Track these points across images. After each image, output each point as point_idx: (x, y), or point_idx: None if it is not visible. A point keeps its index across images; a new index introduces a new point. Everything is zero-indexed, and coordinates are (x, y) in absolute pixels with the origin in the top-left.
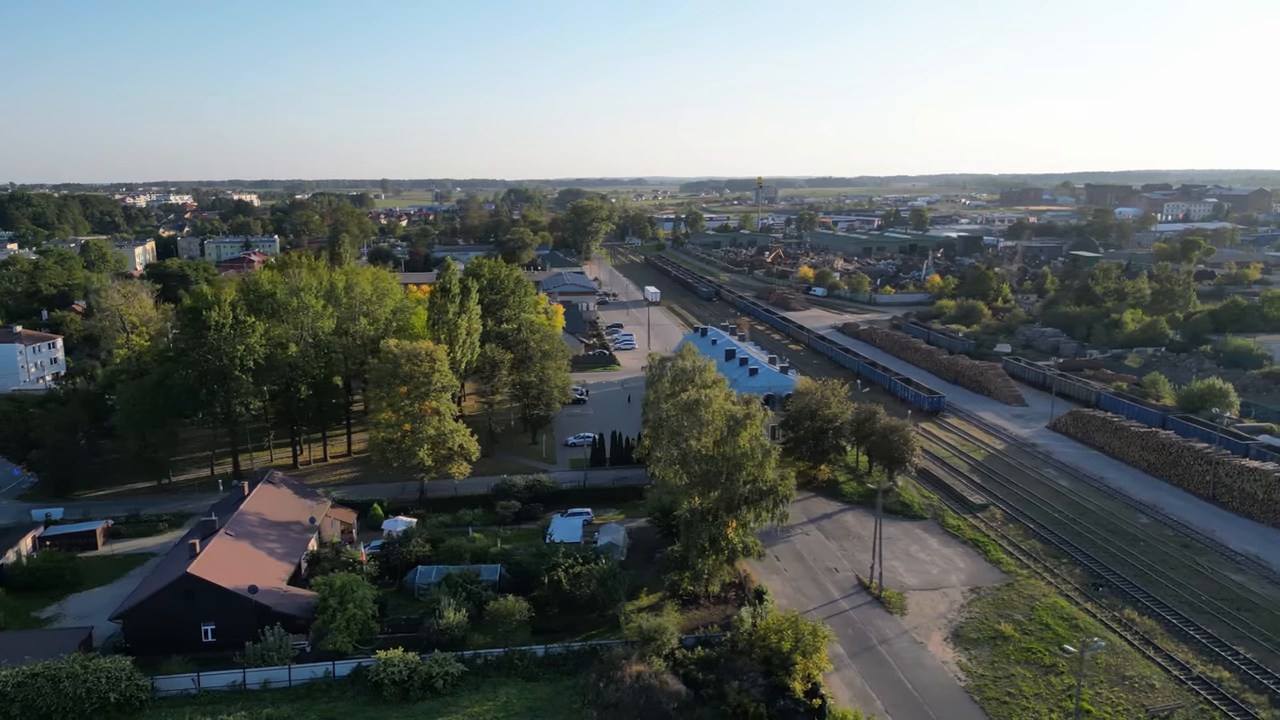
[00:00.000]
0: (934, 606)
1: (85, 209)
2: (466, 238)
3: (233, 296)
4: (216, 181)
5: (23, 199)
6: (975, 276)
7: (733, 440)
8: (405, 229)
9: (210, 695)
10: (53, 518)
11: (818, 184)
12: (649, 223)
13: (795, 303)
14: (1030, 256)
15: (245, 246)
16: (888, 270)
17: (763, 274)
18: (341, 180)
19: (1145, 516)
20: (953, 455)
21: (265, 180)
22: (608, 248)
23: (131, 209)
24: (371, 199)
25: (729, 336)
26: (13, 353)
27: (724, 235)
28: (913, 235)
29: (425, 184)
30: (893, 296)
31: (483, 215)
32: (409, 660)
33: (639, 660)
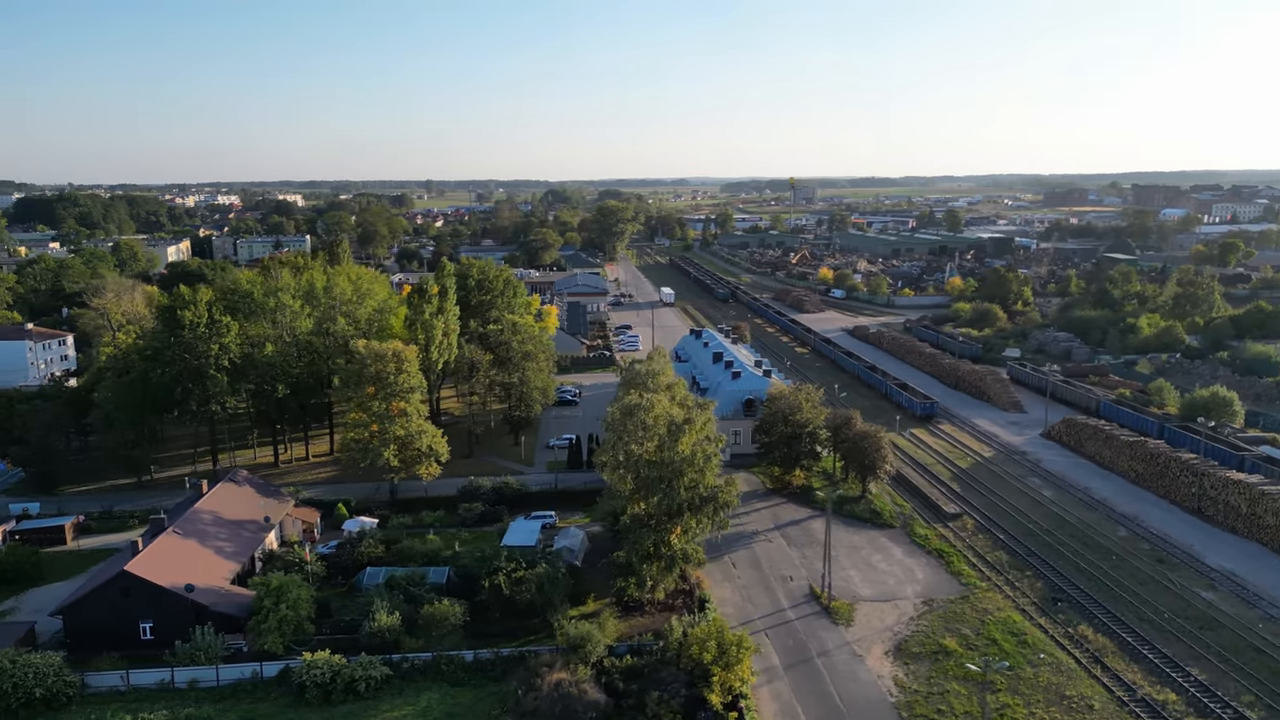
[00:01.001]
0: (882, 618)
1: (132, 209)
2: (496, 238)
3: (209, 296)
4: (267, 182)
5: (71, 199)
6: (994, 279)
7: (672, 445)
8: (438, 229)
9: (138, 693)
10: (29, 512)
11: (861, 184)
12: (678, 223)
13: (810, 305)
14: (1063, 259)
15: (276, 246)
16: (911, 272)
17: (784, 275)
18: (388, 181)
19: (1124, 529)
20: (936, 462)
21: (313, 181)
22: (635, 248)
23: (176, 209)
24: (412, 199)
25: (720, 339)
26: (22, 349)
27: (752, 236)
28: (943, 237)
29: (469, 185)
30: (911, 299)
31: (513, 216)
32: (333, 662)
33: (563, 668)
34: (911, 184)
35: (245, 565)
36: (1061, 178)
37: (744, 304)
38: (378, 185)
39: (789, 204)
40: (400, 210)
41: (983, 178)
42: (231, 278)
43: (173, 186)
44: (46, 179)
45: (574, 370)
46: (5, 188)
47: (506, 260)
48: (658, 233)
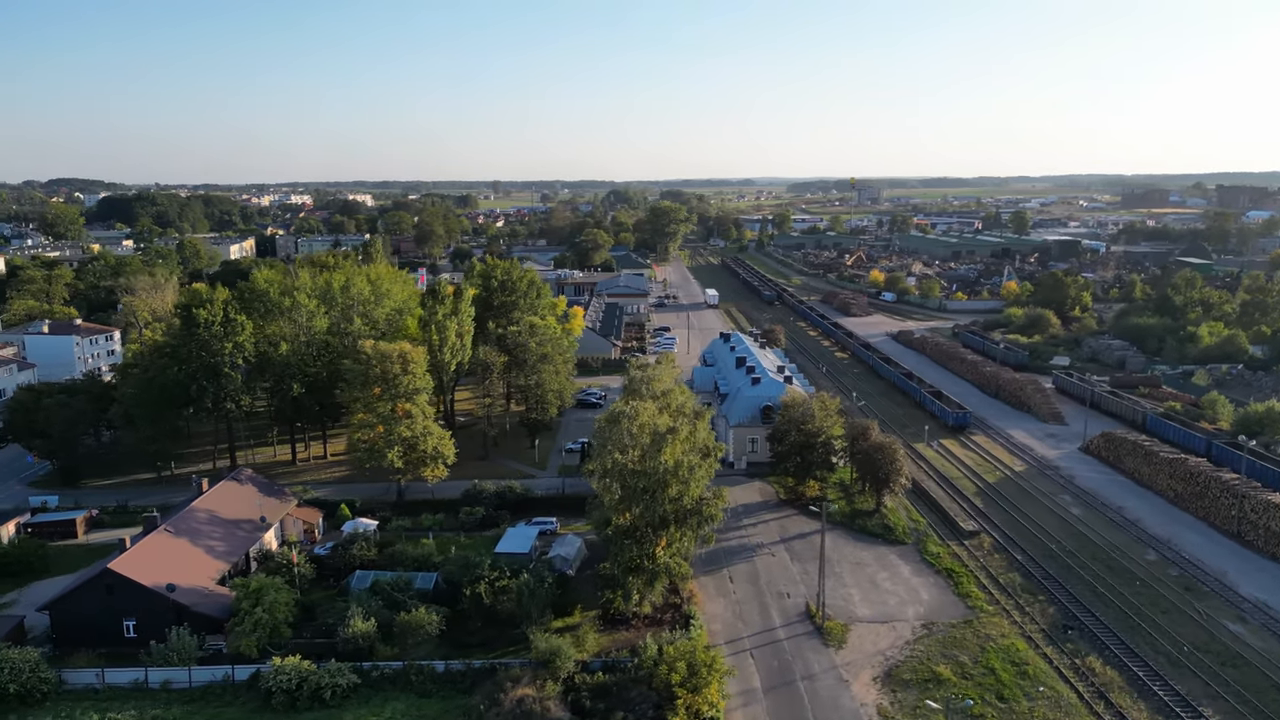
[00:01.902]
0: (876, 641)
1: (207, 208)
2: (551, 238)
3: (226, 295)
4: (342, 182)
5: (149, 199)
6: (1051, 283)
7: (655, 456)
8: (497, 229)
9: (112, 692)
10: (48, 505)
11: (931, 184)
12: (733, 224)
13: (856, 308)
14: (1132, 263)
15: (335, 245)
16: (968, 275)
17: (835, 278)
18: (457, 182)
19: (1153, 552)
20: (962, 476)
21: (386, 181)
22: (690, 248)
23: (249, 208)
24: (476, 200)
25: (748, 343)
26: (69, 344)
27: (808, 237)
28: (1006, 239)
29: (534, 185)
30: (964, 303)
31: (568, 217)
32: (301, 668)
33: (530, 683)
34: (984, 184)
35: (239, 565)
36: (1143, 178)
37: (789, 307)
38: (447, 185)
39: (853, 204)
40: (464, 210)
41: (1059, 178)
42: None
43: (252, 186)
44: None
45: (604, 372)
46: (94, 187)
47: (556, 260)
48: (713, 233)
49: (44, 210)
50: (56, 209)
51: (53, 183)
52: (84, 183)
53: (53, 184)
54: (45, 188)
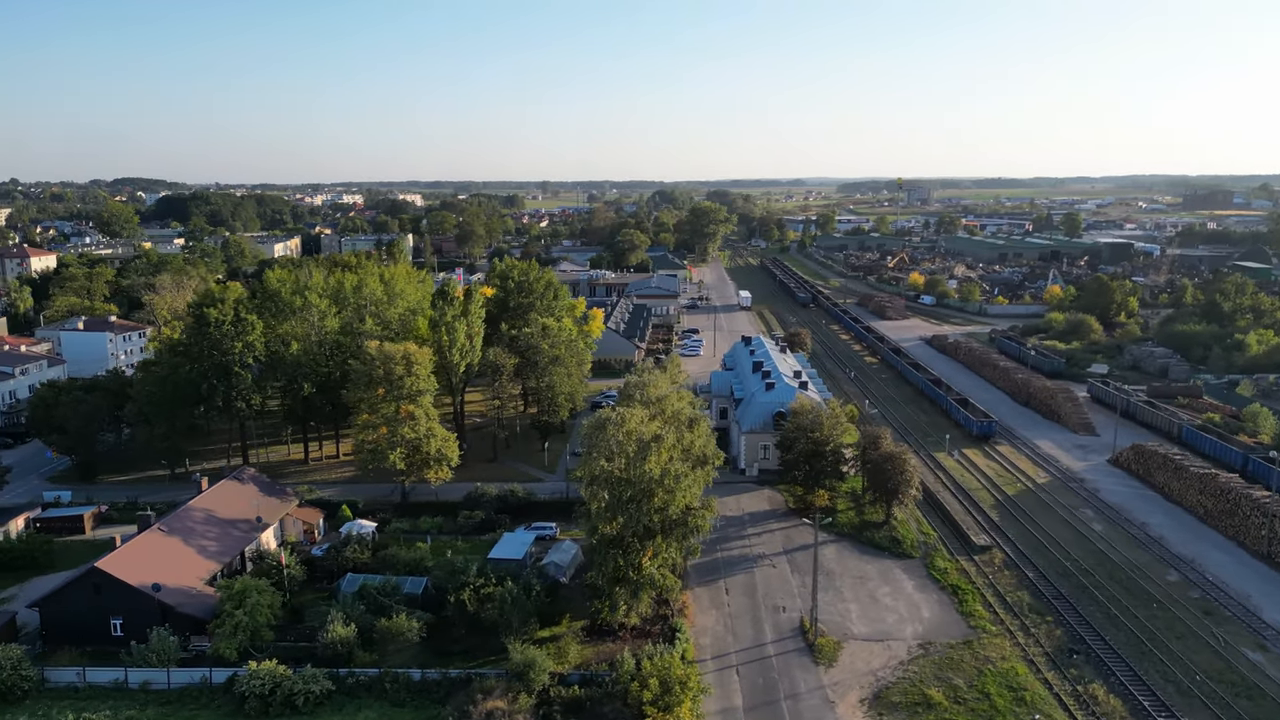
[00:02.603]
0: (869, 660)
1: (260, 208)
2: (592, 238)
3: (238, 294)
4: (396, 182)
5: (204, 198)
6: (1095, 288)
7: (639, 464)
8: (540, 230)
9: (92, 691)
10: (60, 500)
11: (985, 185)
12: (776, 225)
13: (892, 312)
14: (1186, 267)
15: (378, 245)
16: (1013, 279)
17: (874, 280)
18: (507, 182)
19: (1175, 573)
20: (981, 488)
21: (437, 182)
22: (731, 249)
23: (300, 208)
24: (523, 200)
25: (769, 347)
26: (103, 340)
27: (851, 238)
28: (1056, 241)
29: (583, 186)
30: (1004, 307)
31: (609, 217)
32: (276, 673)
33: (503, 695)
34: (1040, 185)
35: (235, 565)
36: (1208, 179)
37: (824, 309)
38: (497, 186)
39: (901, 205)
40: (510, 210)
41: (1120, 179)
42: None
43: (307, 186)
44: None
45: (626, 374)
46: (157, 186)
47: (592, 261)
48: (755, 234)
49: (100, 209)
50: (112, 208)
51: (118, 182)
52: (147, 182)
53: (118, 183)
54: (110, 187)
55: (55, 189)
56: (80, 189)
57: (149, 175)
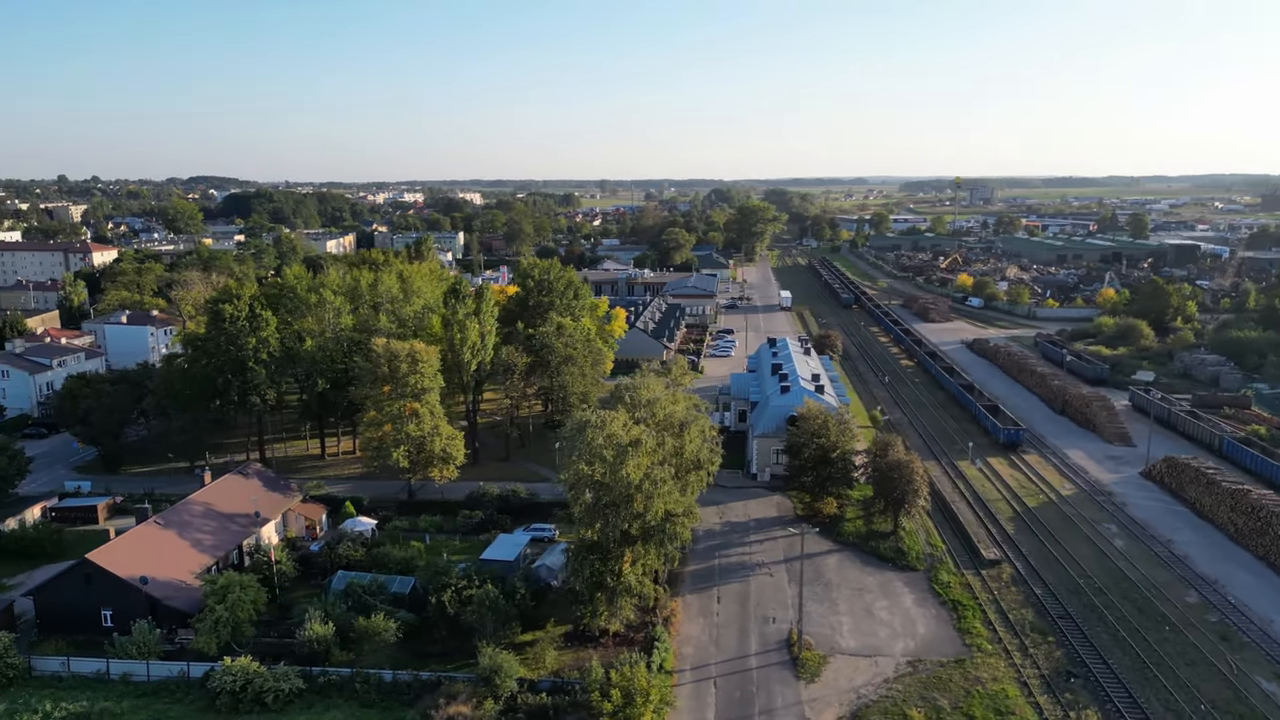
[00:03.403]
0: (853, 677)
1: (321, 205)
2: (642, 237)
3: (254, 291)
4: (458, 181)
5: (266, 195)
6: (1150, 291)
7: (617, 469)
8: (590, 228)
9: (75, 681)
10: (81, 490)
11: (1054, 184)
12: (828, 224)
13: (936, 314)
14: (1256, 270)
15: (408, 243)
16: (1068, 281)
17: (923, 281)
18: (567, 181)
19: (1195, 594)
20: (1000, 499)
21: (499, 180)
22: (781, 248)
23: (360, 205)
24: (579, 199)
25: (792, 349)
26: (144, 334)
27: (905, 239)
28: (1118, 243)
29: (642, 184)
30: (1055, 311)
31: (657, 216)
32: (248, 670)
33: (466, 701)
34: (1114, 184)
35: (231, 559)
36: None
37: (867, 311)
38: (557, 184)
39: (963, 205)
40: (564, 209)
41: (1199, 178)
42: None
43: (371, 185)
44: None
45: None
46: (228, 184)
47: (635, 260)
48: (807, 233)
49: (166, 206)
50: (177, 205)
51: (193, 180)
52: (221, 180)
53: (192, 181)
54: (185, 185)
55: (132, 186)
56: (156, 186)
57: (222, 174)
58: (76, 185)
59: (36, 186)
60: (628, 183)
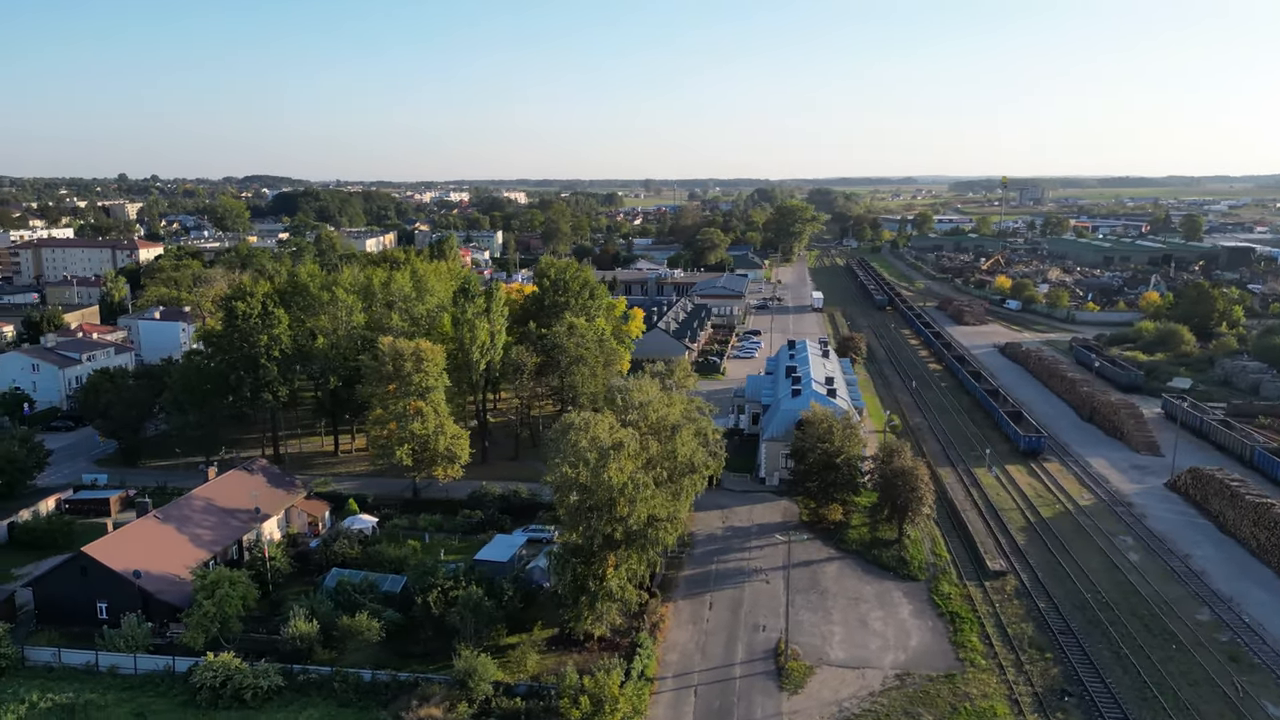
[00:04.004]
0: (837, 689)
1: (367, 203)
2: (680, 236)
3: (267, 289)
4: (506, 180)
5: (313, 194)
6: (1194, 295)
7: (599, 472)
8: (629, 228)
9: (65, 671)
10: (98, 483)
11: (1110, 184)
12: (869, 224)
13: (970, 317)
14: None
15: (467, 240)
16: (1112, 284)
17: (961, 283)
18: (613, 180)
19: (1209, 611)
20: (1014, 508)
21: (546, 180)
22: (821, 248)
23: (405, 204)
24: (622, 199)
25: (811, 351)
26: (176, 330)
27: (948, 239)
28: (1170, 244)
29: (687, 184)
30: (1095, 314)
31: (696, 216)
32: (230, 666)
33: (439, 703)
34: (1173, 184)
35: (230, 554)
36: None
37: (900, 313)
38: (603, 184)
39: (1013, 205)
40: (606, 208)
41: (1264, 178)
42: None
43: (420, 184)
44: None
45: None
46: (280, 183)
47: (670, 260)
48: (847, 233)
49: (215, 204)
50: (226, 203)
51: (248, 179)
52: (274, 179)
53: (247, 180)
54: (240, 183)
55: (189, 185)
56: (212, 185)
57: (276, 173)
58: (136, 184)
59: (98, 185)
60: (673, 182)
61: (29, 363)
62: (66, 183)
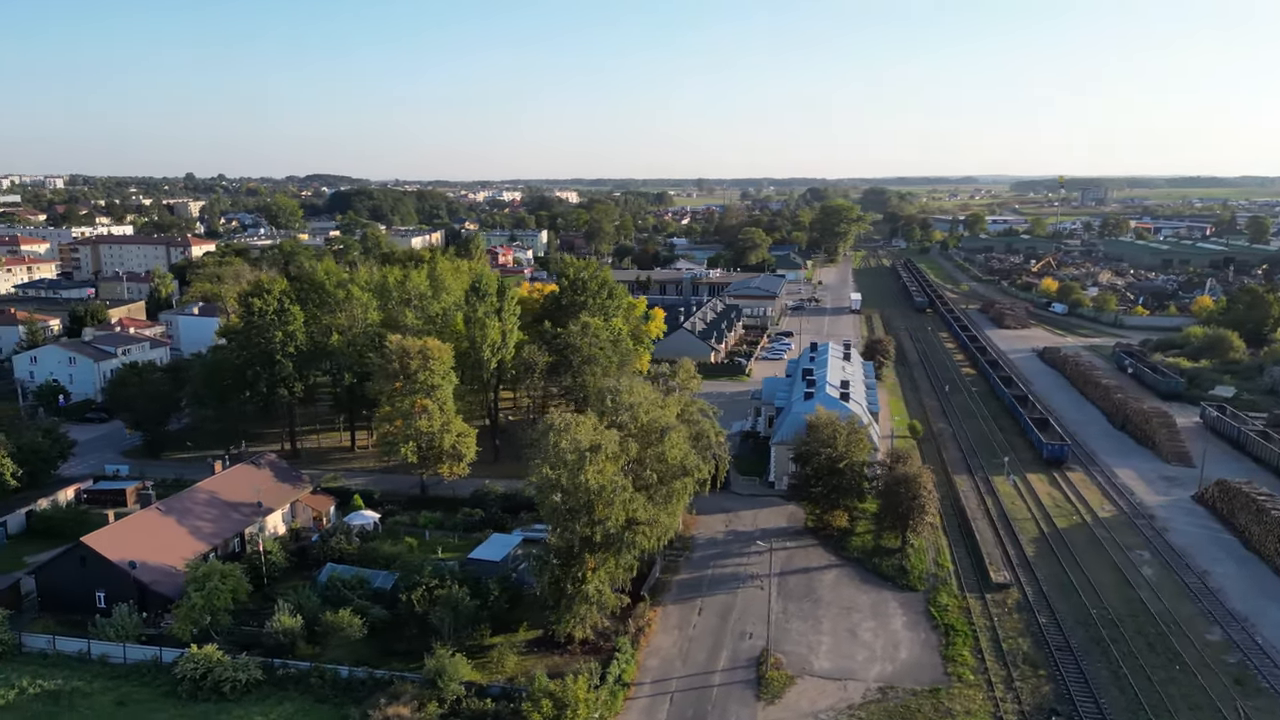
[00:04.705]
0: (816, 701)
1: (420, 203)
2: (724, 236)
3: (284, 286)
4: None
5: (366, 193)
6: (1249, 300)
7: (576, 474)
8: (675, 227)
9: (58, 659)
10: (120, 473)
11: (1181, 184)
12: (919, 225)
13: (1012, 320)
14: None
15: (511, 239)
16: (1165, 287)
17: (1007, 285)
18: (666, 179)
19: (1219, 631)
20: (1029, 518)
21: (600, 179)
22: (867, 249)
23: (456, 203)
24: (672, 198)
25: (832, 353)
26: (212, 325)
27: (999, 240)
28: (1233, 247)
29: (740, 183)
30: (1144, 319)
31: (740, 215)
32: (212, 659)
33: (409, 702)
34: (1246, 184)
35: (233, 546)
36: None
37: (940, 315)
38: (656, 183)
39: (1074, 205)
40: (655, 207)
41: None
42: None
43: (476, 184)
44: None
45: (701, 376)
46: (341, 182)
47: (710, 260)
48: (897, 234)
49: (269, 203)
50: (279, 202)
51: (309, 178)
52: (334, 178)
53: (309, 179)
54: (301, 182)
55: (252, 184)
56: (275, 184)
57: (338, 172)
58: (202, 182)
59: (165, 183)
60: (726, 182)
61: (67, 356)
62: (136, 181)
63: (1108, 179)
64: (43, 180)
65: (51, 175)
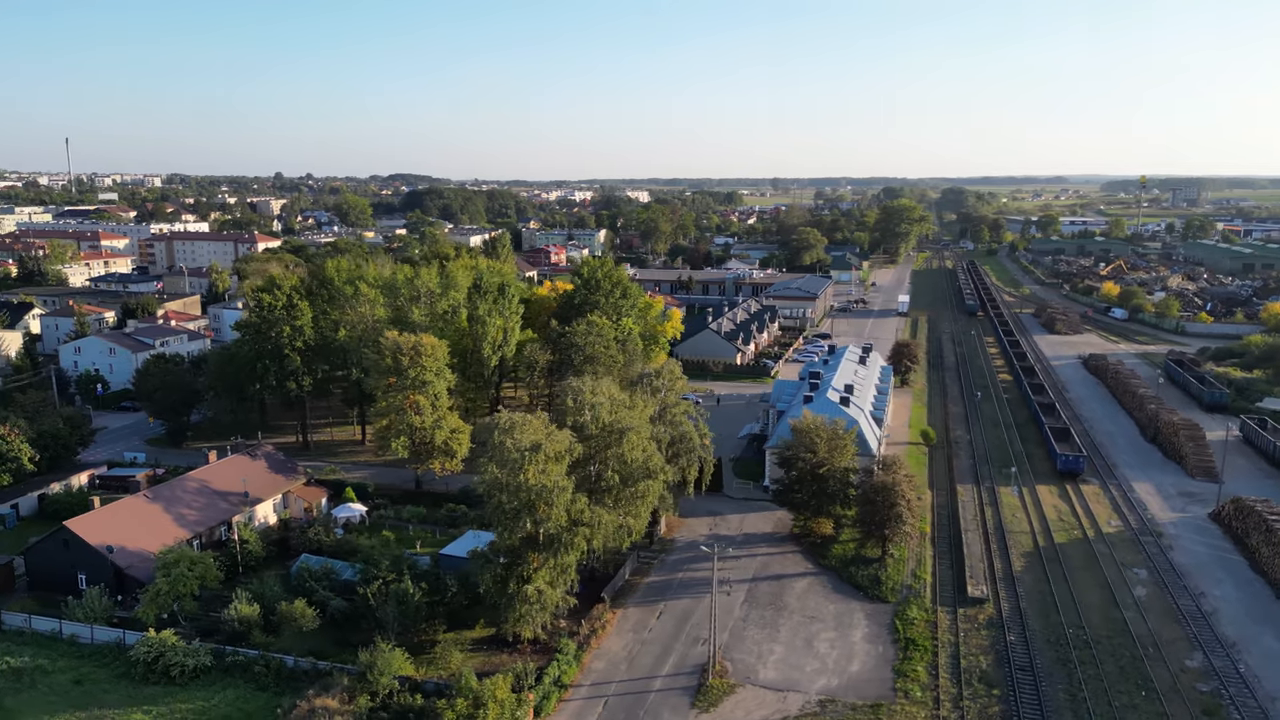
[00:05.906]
0: (751, 711)
1: (489, 202)
2: (785, 235)
3: (295, 282)
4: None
5: (437, 192)
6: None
7: (516, 473)
8: (739, 227)
9: (32, 637)
10: (137, 460)
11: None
12: (987, 226)
13: (1063, 325)
14: None
15: (569, 239)
16: (1239, 293)
17: (1069, 289)
18: (742, 179)
19: (1200, 657)
20: (1025, 532)
21: (674, 179)
22: (933, 249)
23: (526, 203)
24: (740, 197)
25: (848, 356)
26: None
27: (1072, 242)
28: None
29: (817, 182)
30: (1207, 326)
31: (800, 215)
32: (165, 643)
33: (339, 694)
34: None
35: (220, 534)
36: None
37: (990, 319)
38: (731, 183)
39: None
40: (723, 207)
41: None
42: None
43: (551, 183)
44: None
45: (724, 377)
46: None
47: (763, 260)
48: (966, 234)
49: (339, 201)
50: (350, 200)
51: (391, 177)
52: (414, 177)
53: (390, 178)
54: (383, 182)
55: (336, 183)
56: (357, 184)
57: (418, 171)
58: (289, 182)
59: (254, 182)
60: (803, 181)
61: (107, 347)
62: (228, 180)
63: (1207, 179)
64: (142, 179)
65: (150, 174)
